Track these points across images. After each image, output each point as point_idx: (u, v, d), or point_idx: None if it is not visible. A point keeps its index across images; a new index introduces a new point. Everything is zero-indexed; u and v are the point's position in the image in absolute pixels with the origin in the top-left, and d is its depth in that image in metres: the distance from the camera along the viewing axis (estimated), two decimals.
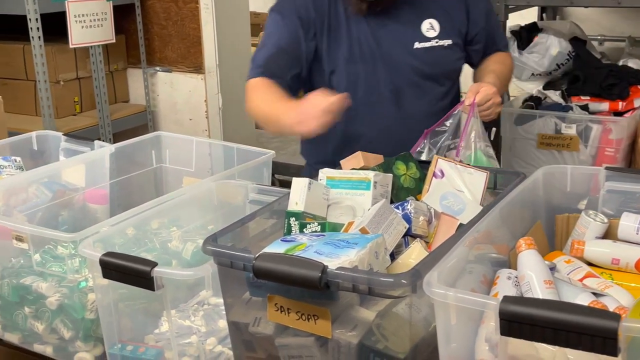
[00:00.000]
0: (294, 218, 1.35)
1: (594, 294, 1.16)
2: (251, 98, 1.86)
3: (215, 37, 4.05)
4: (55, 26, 3.69)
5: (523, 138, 2.31)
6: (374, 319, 1.10)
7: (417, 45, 1.89)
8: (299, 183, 1.38)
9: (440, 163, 1.46)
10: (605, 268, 1.31)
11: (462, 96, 1.87)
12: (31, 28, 3.48)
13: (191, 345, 1.32)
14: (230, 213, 1.62)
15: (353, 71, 1.90)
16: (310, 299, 1.11)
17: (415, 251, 1.22)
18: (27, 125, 3.62)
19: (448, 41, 1.91)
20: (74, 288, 1.41)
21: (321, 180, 1.45)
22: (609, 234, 1.37)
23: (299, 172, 1.97)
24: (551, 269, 1.21)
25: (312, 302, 1.11)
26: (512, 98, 2.48)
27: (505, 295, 0.91)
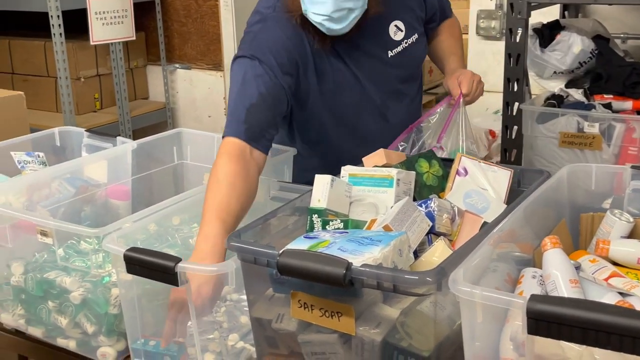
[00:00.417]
0: (317, 215, 1.35)
1: (620, 294, 1.15)
2: (217, 166, 1.54)
3: (234, 35, 4.06)
4: (76, 23, 3.72)
5: (545, 136, 2.28)
6: (398, 317, 1.09)
7: (391, 53, 1.83)
8: (322, 180, 1.38)
9: (463, 161, 1.45)
10: (630, 268, 1.30)
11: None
12: (53, 25, 3.51)
13: (213, 340, 1.33)
14: (251, 210, 1.62)
15: (340, 99, 1.81)
16: (333, 296, 1.11)
17: (438, 249, 1.22)
18: (48, 121, 3.65)
19: (414, 36, 1.87)
20: (98, 283, 1.42)
21: (343, 177, 1.45)
22: (635, 234, 1.36)
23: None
24: (576, 268, 1.20)
25: (336, 299, 1.10)
26: (534, 96, 2.45)
27: (532, 294, 0.90)
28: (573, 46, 2.43)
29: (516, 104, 2.24)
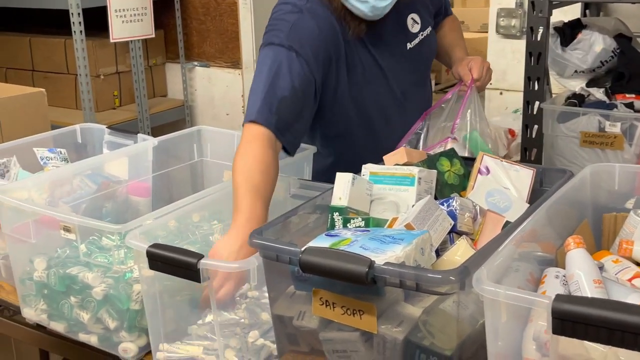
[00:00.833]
0: (338, 213, 1.35)
1: None
2: (251, 150, 1.57)
3: (253, 33, 4.07)
4: (96, 21, 3.74)
5: (565, 136, 2.27)
6: (420, 315, 1.09)
7: (409, 45, 1.87)
8: (343, 178, 1.38)
9: (485, 159, 1.45)
10: None
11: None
12: (73, 22, 3.53)
13: (235, 337, 1.33)
14: (271, 207, 1.63)
15: (370, 90, 1.84)
16: (355, 294, 1.11)
17: (461, 248, 1.21)
18: (67, 118, 3.68)
19: (429, 28, 1.93)
20: (120, 279, 1.43)
21: (364, 175, 1.45)
22: None
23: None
24: (599, 269, 1.19)
25: (358, 297, 1.10)
26: (555, 95, 2.44)
27: (557, 293, 0.90)
28: (594, 45, 2.41)
29: (537, 103, 2.22)
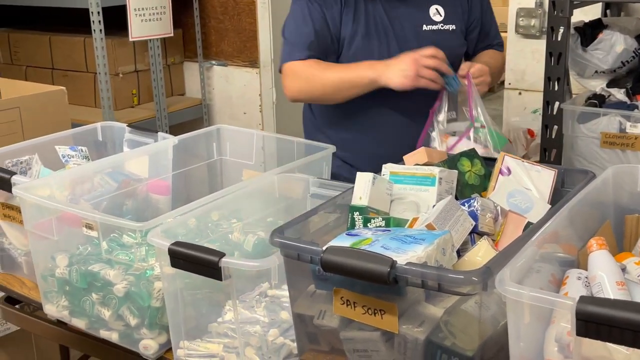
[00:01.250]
0: (358, 212, 1.35)
1: None
2: (307, 75, 1.95)
3: (270, 32, 4.07)
4: (115, 19, 3.76)
5: (585, 136, 2.25)
6: (442, 316, 1.09)
7: (425, 27, 2.00)
8: (363, 177, 1.38)
9: (506, 160, 1.44)
10: None
11: None
12: (93, 21, 3.55)
13: (255, 335, 1.34)
14: (290, 206, 1.63)
15: (368, 46, 1.98)
16: (376, 294, 1.11)
17: (482, 249, 1.21)
18: (87, 116, 3.70)
19: (452, 26, 2.02)
20: (141, 276, 1.44)
21: (384, 175, 1.45)
22: None
23: None
24: (621, 270, 1.18)
25: (379, 297, 1.10)
26: (575, 95, 2.42)
27: (582, 295, 0.90)
28: (615, 45, 2.39)
29: (557, 104, 2.21)
